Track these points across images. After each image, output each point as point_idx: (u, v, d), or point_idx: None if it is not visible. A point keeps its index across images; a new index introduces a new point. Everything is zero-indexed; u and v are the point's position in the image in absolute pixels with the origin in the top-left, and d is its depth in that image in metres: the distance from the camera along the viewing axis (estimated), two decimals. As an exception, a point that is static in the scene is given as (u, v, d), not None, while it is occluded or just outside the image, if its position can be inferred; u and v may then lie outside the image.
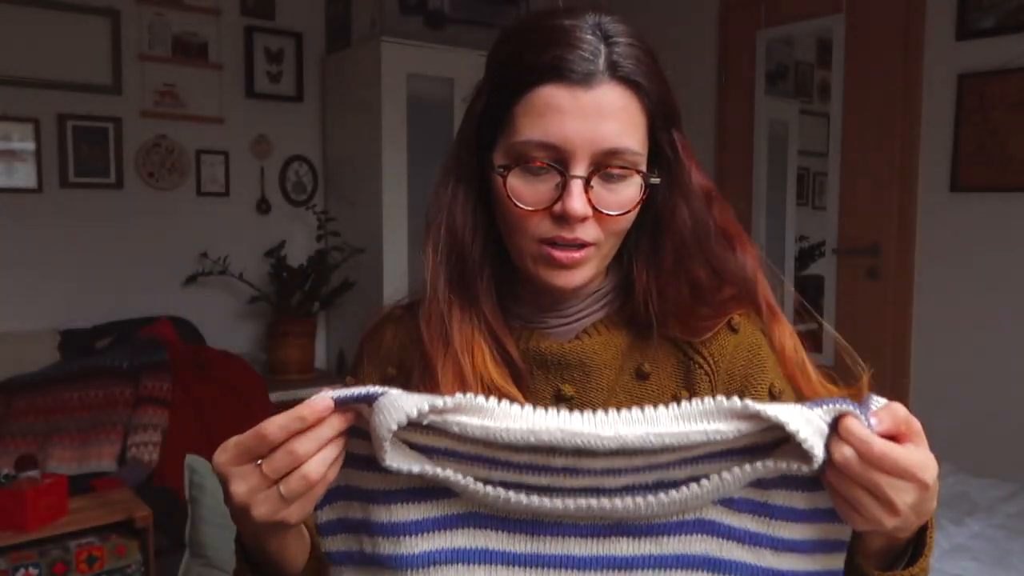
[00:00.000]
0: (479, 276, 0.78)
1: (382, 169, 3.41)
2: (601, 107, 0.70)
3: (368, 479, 0.60)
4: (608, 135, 0.70)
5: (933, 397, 2.84)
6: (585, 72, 0.70)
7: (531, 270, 0.75)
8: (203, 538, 1.64)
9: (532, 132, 0.71)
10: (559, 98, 0.70)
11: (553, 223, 0.72)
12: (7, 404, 2.75)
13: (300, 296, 3.56)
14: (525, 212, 0.72)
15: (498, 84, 0.75)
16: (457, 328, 0.76)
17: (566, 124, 0.69)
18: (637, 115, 0.73)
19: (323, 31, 3.86)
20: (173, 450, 2.64)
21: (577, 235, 0.71)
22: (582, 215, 0.70)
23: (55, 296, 3.29)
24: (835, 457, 0.53)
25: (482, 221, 0.79)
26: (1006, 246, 2.64)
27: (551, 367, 0.78)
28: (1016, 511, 1.93)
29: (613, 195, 0.72)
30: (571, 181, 0.70)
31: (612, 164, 0.71)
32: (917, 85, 2.83)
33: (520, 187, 0.72)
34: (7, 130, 3.14)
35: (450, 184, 0.79)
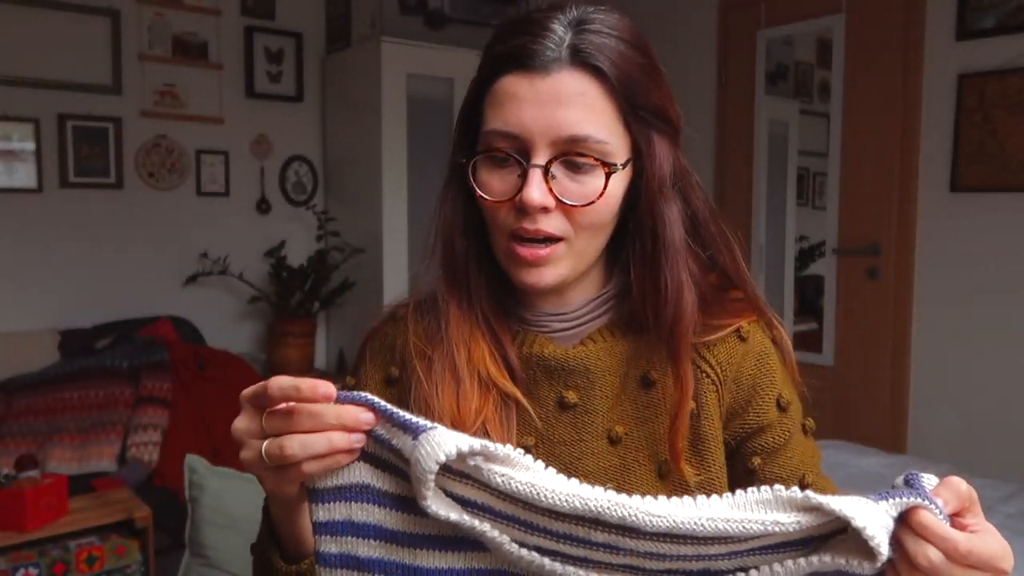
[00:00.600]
0: (474, 275, 0.78)
1: (382, 169, 3.41)
2: (558, 93, 0.68)
3: (393, 518, 0.57)
4: (567, 122, 0.68)
5: (933, 397, 2.84)
6: (544, 59, 0.69)
7: (505, 267, 0.75)
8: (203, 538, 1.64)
9: (494, 122, 0.70)
10: (517, 86, 0.69)
11: (518, 215, 0.71)
12: (7, 404, 2.75)
13: (300, 296, 3.56)
14: (493, 204, 0.72)
15: (475, 79, 0.75)
16: (454, 324, 0.76)
17: (524, 112, 0.69)
18: (599, 101, 0.70)
19: (323, 31, 3.86)
20: (173, 450, 2.64)
21: (540, 227, 0.70)
22: (540, 204, 0.68)
23: (55, 296, 3.29)
24: (919, 561, 0.49)
25: (473, 221, 0.78)
26: (1006, 246, 2.64)
27: (554, 373, 0.77)
28: (1016, 511, 1.93)
29: (578, 186, 0.70)
30: (530, 170, 0.69)
31: (573, 152, 0.69)
32: (917, 85, 2.83)
33: (487, 178, 0.72)
34: (7, 130, 3.14)
35: (445, 183, 0.80)
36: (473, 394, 0.74)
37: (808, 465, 0.79)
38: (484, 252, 0.79)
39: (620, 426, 0.76)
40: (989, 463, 2.58)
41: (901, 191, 2.89)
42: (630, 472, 0.75)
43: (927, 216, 2.84)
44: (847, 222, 3.04)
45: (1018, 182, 2.60)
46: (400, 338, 0.81)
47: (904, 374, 2.90)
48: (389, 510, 0.57)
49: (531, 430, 0.76)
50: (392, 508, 0.57)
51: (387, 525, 0.57)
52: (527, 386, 0.77)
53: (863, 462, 2.21)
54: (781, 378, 0.78)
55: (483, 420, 0.74)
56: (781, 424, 0.78)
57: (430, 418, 0.68)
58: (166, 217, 3.52)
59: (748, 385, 0.77)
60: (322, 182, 3.93)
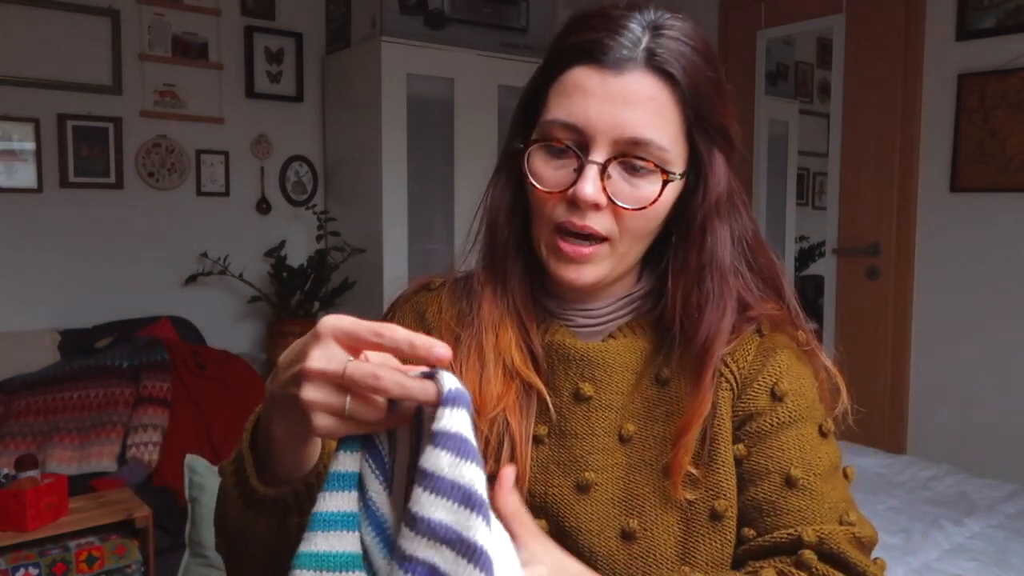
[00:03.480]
0: (511, 261, 0.79)
1: (382, 169, 3.41)
2: (628, 94, 0.68)
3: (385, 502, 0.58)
4: (632, 123, 0.68)
5: (933, 397, 2.84)
6: (618, 57, 0.69)
7: (544, 260, 0.75)
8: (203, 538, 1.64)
9: (558, 112, 0.70)
10: (588, 80, 0.69)
11: (567, 208, 0.71)
12: (7, 404, 2.74)
13: (300, 296, 3.56)
14: (543, 194, 0.71)
15: (541, 67, 0.75)
16: (487, 308, 0.77)
17: (590, 107, 0.68)
18: (668, 108, 0.70)
19: (323, 31, 3.86)
20: (173, 450, 2.64)
21: (587, 223, 0.70)
22: (593, 201, 0.68)
23: (55, 296, 3.29)
24: None
25: (519, 208, 0.78)
26: (1006, 246, 2.64)
27: (572, 364, 0.77)
28: (1016, 511, 1.93)
29: (632, 189, 0.70)
30: (587, 165, 0.68)
31: (633, 154, 0.69)
32: (917, 85, 2.83)
33: (541, 168, 0.72)
34: (7, 130, 3.14)
35: (497, 169, 0.80)
36: (497, 380, 0.74)
37: (804, 463, 0.73)
38: (524, 241, 0.79)
39: (631, 424, 0.75)
40: (989, 463, 2.58)
41: (901, 191, 2.89)
42: (636, 472, 0.74)
43: (927, 216, 2.84)
44: (847, 222, 3.04)
45: (1018, 182, 2.60)
46: (431, 307, 0.82)
47: (904, 374, 2.90)
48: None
49: (545, 420, 0.76)
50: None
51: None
52: (547, 375, 0.77)
53: (863, 462, 2.21)
54: (788, 373, 0.75)
55: (504, 407, 0.74)
56: (772, 412, 0.74)
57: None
58: (166, 217, 3.52)
59: (747, 374, 0.75)
60: (322, 182, 3.93)
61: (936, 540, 1.74)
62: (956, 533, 1.78)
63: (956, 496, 2.02)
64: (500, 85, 3.60)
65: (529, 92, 0.77)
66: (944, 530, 1.79)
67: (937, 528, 1.79)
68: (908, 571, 1.59)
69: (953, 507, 1.94)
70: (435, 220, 3.58)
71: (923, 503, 1.96)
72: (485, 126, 3.60)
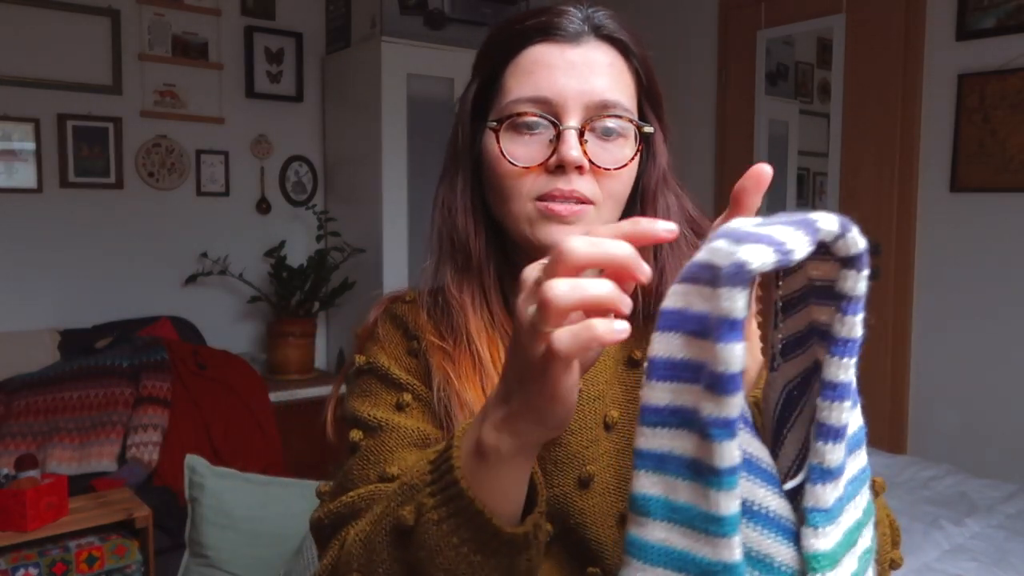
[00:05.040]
0: (484, 267, 0.78)
1: (382, 169, 3.41)
2: (590, 62, 0.72)
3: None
4: (599, 87, 0.71)
5: (933, 397, 2.84)
6: (572, 31, 0.72)
7: (527, 233, 0.73)
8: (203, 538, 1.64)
9: (523, 89, 0.72)
10: (548, 55, 0.72)
11: (549, 178, 0.71)
12: (7, 404, 2.75)
13: (300, 296, 3.56)
14: (519, 171, 0.72)
15: (488, 60, 0.76)
16: (473, 322, 0.76)
17: (557, 78, 0.71)
18: (625, 75, 0.74)
19: (323, 31, 3.86)
20: (173, 450, 2.64)
21: (575, 187, 0.71)
22: (578, 161, 0.70)
23: (55, 296, 3.29)
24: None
25: (481, 210, 0.78)
26: (1006, 246, 2.64)
27: None
28: (1016, 511, 1.93)
29: (607, 152, 0.72)
30: (565, 131, 0.70)
31: (606, 115, 0.71)
32: (917, 85, 2.83)
33: (511, 147, 0.72)
34: (7, 130, 3.14)
35: (448, 175, 0.80)
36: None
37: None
38: (490, 244, 0.78)
39: (614, 410, 0.76)
40: (989, 463, 2.58)
41: (901, 191, 2.89)
42: (623, 456, 0.75)
43: (927, 216, 2.84)
44: (847, 222, 3.04)
45: (1018, 182, 2.60)
46: (411, 318, 0.80)
47: (904, 374, 2.90)
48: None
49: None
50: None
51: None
52: None
53: (863, 462, 2.21)
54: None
55: None
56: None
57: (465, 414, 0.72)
58: (166, 217, 3.52)
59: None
60: (322, 182, 3.93)
61: (936, 540, 1.74)
62: (956, 533, 1.78)
63: (956, 496, 2.02)
64: (500, 85, 3.59)
65: (482, 85, 0.77)
66: (944, 530, 1.79)
67: (937, 528, 1.79)
68: (908, 571, 1.59)
69: (953, 507, 1.94)
70: (435, 220, 3.57)
71: (923, 503, 1.96)
72: (485, 126, 3.60)
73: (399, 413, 0.75)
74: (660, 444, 0.44)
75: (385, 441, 0.73)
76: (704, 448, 0.42)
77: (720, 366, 0.40)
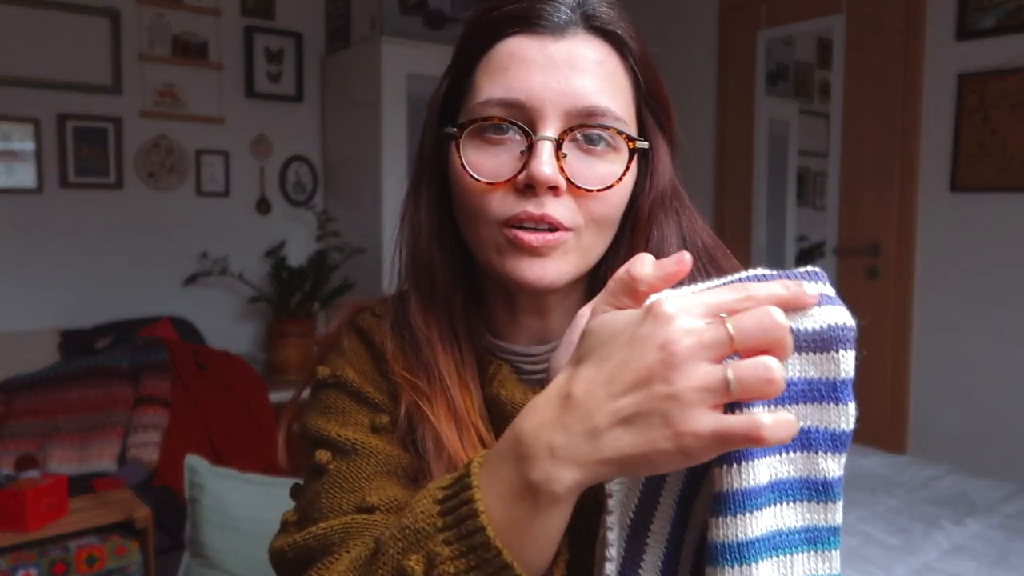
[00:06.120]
0: (452, 296, 0.67)
1: (382, 169, 3.41)
2: (574, 58, 0.59)
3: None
4: (583, 90, 0.58)
5: (933, 397, 2.84)
6: (555, 21, 0.60)
7: (495, 264, 0.61)
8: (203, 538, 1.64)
9: (493, 89, 0.59)
10: (525, 48, 0.59)
11: (517, 198, 0.59)
12: (7, 404, 2.75)
13: (300, 296, 3.56)
14: (483, 187, 0.59)
15: (460, 55, 0.65)
16: (443, 363, 0.65)
17: (532, 77, 0.58)
18: (618, 75, 0.61)
19: (323, 31, 3.86)
20: (173, 450, 2.64)
21: (546, 211, 0.58)
22: (551, 180, 0.57)
23: (55, 296, 3.29)
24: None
25: (450, 230, 0.67)
26: (1006, 246, 2.64)
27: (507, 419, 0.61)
28: (1016, 511, 1.93)
29: (590, 169, 0.59)
30: (538, 143, 0.57)
31: (591, 126, 0.59)
32: (917, 85, 2.83)
33: (477, 159, 0.60)
34: (7, 130, 3.14)
35: (414, 189, 0.68)
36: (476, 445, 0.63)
37: None
38: (458, 269, 0.67)
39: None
40: (989, 463, 2.58)
41: (901, 191, 2.89)
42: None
43: (927, 216, 2.84)
44: (847, 222, 3.04)
45: (1018, 182, 2.60)
46: (378, 336, 0.69)
47: (904, 374, 2.90)
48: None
49: None
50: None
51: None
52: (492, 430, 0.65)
53: (863, 462, 2.21)
54: None
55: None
56: None
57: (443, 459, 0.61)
58: (166, 217, 3.52)
59: None
60: (322, 182, 3.93)
61: (936, 540, 1.74)
62: (956, 533, 1.78)
63: (956, 496, 2.02)
64: (500, 85, 3.59)
65: (452, 84, 0.66)
66: (944, 530, 1.79)
67: (937, 528, 1.79)
68: (908, 571, 1.59)
69: (953, 507, 1.94)
70: (435, 220, 3.57)
71: (923, 503, 1.96)
72: (485, 126, 3.60)
73: (375, 435, 0.64)
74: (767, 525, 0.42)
75: (361, 466, 0.62)
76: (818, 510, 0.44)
77: (843, 424, 0.42)
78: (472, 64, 0.63)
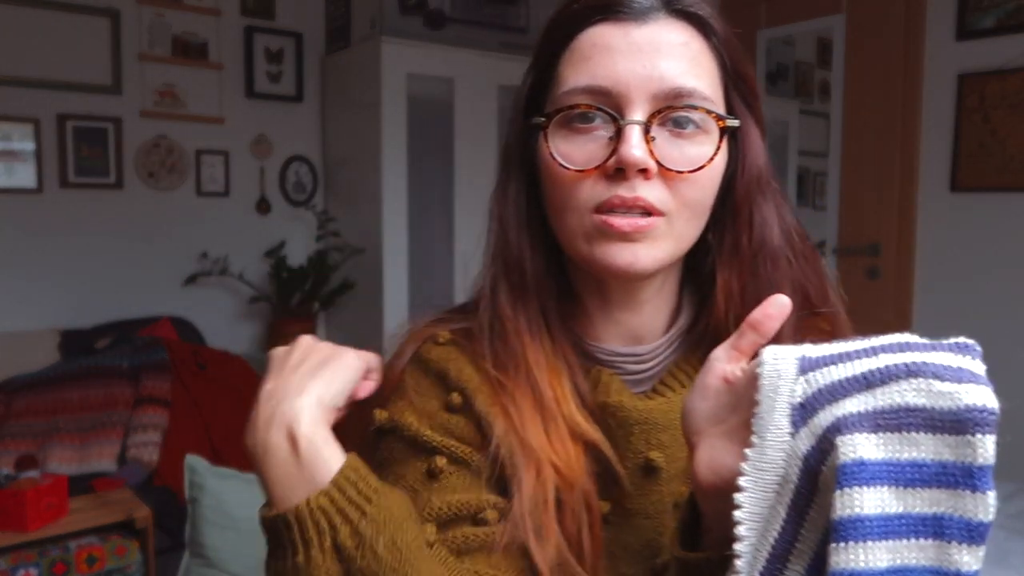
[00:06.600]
0: (545, 293, 0.66)
1: (382, 169, 3.41)
2: (658, 43, 0.59)
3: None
4: (670, 72, 0.58)
5: (933, 397, 2.84)
6: (637, 7, 0.60)
7: (584, 252, 0.61)
8: (203, 538, 1.64)
9: (578, 78, 0.60)
10: (608, 36, 0.60)
11: (608, 184, 0.59)
12: (7, 404, 2.74)
13: (300, 296, 3.56)
14: (573, 176, 0.59)
15: (544, 49, 0.65)
16: (531, 354, 0.64)
17: (617, 63, 0.58)
18: (704, 57, 0.61)
19: (323, 31, 3.86)
20: (173, 450, 2.64)
21: (639, 194, 0.58)
22: (641, 162, 0.57)
23: (55, 296, 3.29)
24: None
25: (538, 223, 0.66)
26: (1006, 246, 2.64)
27: (635, 429, 0.64)
28: (1016, 511, 1.93)
29: (680, 151, 0.59)
30: (626, 127, 0.57)
31: (679, 107, 0.59)
32: (917, 85, 2.83)
33: (566, 148, 0.60)
34: (7, 130, 3.14)
35: (501, 183, 0.68)
36: (566, 439, 0.62)
37: None
38: (552, 262, 0.67)
39: (685, 486, 0.64)
40: (989, 463, 2.58)
41: (901, 191, 2.89)
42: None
43: (927, 216, 2.84)
44: (847, 222, 3.04)
45: (1018, 182, 2.60)
46: (453, 364, 0.66)
47: (904, 374, 2.91)
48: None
49: (608, 494, 0.64)
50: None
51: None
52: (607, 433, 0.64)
53: (863, 462, 2.21)
54: None
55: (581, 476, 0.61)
56: None
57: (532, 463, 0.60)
58: (166, 217, 3.52)
59: None
60: (322, 182, 3.93)
61: (936, 540, 1.74)
62: (956, 533, 1.78)
63: (956, 496, 2.02)
64: (500, 85, 3.60)
65: (536, 79, 0.66)
66: (944, 530, 1.78)
67: (937, 528, 1.79)
68: (908, 571, 1.59)
69: (953, 507, 1.94)
70: (435, 220, 3.58)
71: (923, 503, 1.96)
72: (485, 126, 3.60)
73: (430, 484, 0.62)
74: None
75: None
76: None
77: (980, 514, 0.41)
78: (555, 57, 0.63)
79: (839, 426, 0.41)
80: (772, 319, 0.50)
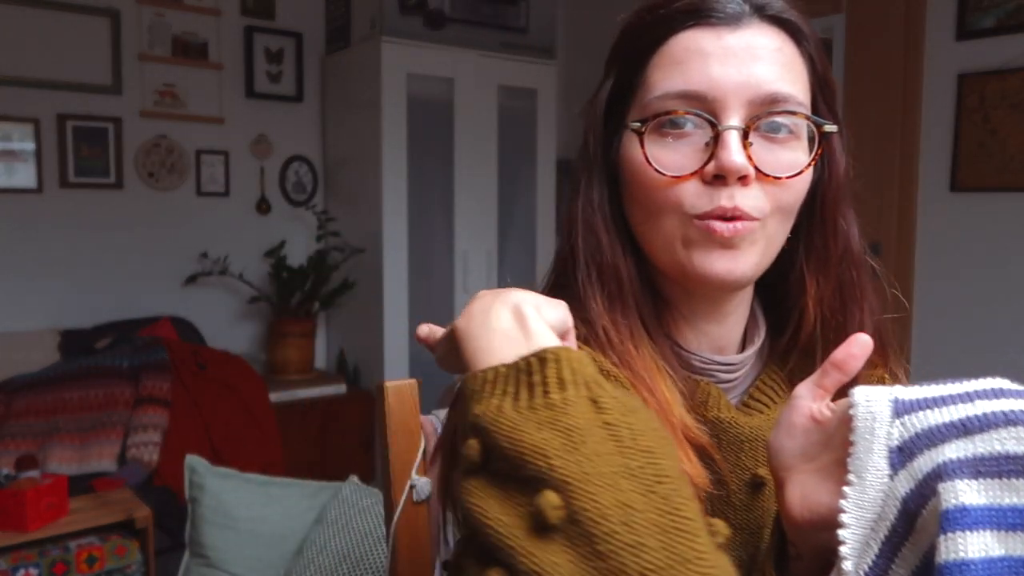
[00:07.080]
0: (641, 297, 0.65)
1: (382, 169, 3.41)
2: (753, 47, 0.59)
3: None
4: (765, 78, 0.58)
5: (933, 397, 2.84)
6: (730, 12, 0.59)
7: (679, 257, 0.60)
8: (203, 538, 1.64)
9: (671, 83, 0.59)
10: (700, 41, 0.59)
11: (705, 190, 0.58)
12: (7, 404, 2.75)
13: (300, 296, 3.56)
14: (668, 181, 0.59)
15: (626, 53, 0.64)
16: (636, 358, 0.62)
17: (711, 68, 0.58)
18: (796, 62, 0.61)
19: (323, 31, 3.86)
20: (173, 450, 2.64)
21: (737, 203, 0.57)
22: (743, 170, 0.57)
23: (55, 296, 3.29)
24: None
25: (624, 228, 0.65)
26: (1006, 246, 2.65)
27: (745, 445, 0.64)
28: (1016, 511, 1.93)
29: (775, 157, 0.59)
30: (725, 133, 0.57)
31: (775, 112, 0.58)
32: (917, 85, 2.83)
33: (659, 153, 0.59)
34: (7, 130, 3.14)
35: (582, 189, 0.66)
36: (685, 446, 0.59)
37: None
38: (642, 272, 0.66)
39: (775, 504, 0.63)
40: (989, 463, 2.58)
41: (901, 191, 2.89)
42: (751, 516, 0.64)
43: (927, 216, 2.84)
44: (847, 222, 3.05)
45: (1018, 182, 2.60)
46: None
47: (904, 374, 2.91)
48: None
49: (715, 512, 0.63)
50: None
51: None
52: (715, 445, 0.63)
53: (863, 462, 2.21)
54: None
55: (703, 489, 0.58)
56: None
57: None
58: (166, 217, 3.52)
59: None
60: (322, 182, 3.93)
61: (936, 540, 1.74)
62: (956, 533, 1.78)
63: (956, 496, 2.02)
64: (500, 85, 3.60)
65: (619, 83, 0.64)
66: (944, 530, 1.79)
67: (937, 528, 1.79)
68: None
69: (953, 507, 1.94)
70: (435, 220, 3.58)
71: (923, 503, 1.96)
72: (485, 126, 3.60)
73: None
74: None
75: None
76: None
77: None
78: (642, 62, 0.62)
79: (940, 472, 0.42)
80: (855, 359, 0.51)
